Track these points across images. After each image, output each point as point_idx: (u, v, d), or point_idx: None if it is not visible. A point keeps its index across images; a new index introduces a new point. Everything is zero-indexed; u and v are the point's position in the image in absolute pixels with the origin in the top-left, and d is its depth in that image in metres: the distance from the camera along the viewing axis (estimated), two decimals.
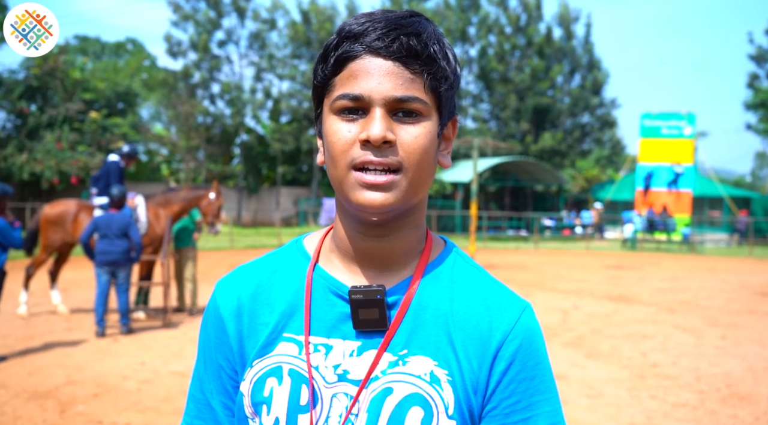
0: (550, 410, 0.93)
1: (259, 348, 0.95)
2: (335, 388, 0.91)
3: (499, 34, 36.78)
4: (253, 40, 34.92)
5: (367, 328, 0.92)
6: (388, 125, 0.86)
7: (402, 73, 0.87)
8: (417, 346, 0.92)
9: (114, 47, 50.52)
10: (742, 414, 5.00)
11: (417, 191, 0.91)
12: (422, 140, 0.88)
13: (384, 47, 0.86)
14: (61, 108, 25.97)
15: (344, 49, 0.88)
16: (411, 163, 0.87)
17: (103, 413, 4.74)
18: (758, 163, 65.38)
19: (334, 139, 0.88)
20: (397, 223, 0.94)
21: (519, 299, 0.98)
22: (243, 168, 33.72)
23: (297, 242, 1.05)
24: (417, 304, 0.94)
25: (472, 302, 0.95)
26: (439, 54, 0.89)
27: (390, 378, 0.90)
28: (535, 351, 0.94)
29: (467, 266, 1.00)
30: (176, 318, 8.37)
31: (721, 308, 10.17)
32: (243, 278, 1.02)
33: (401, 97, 0.86)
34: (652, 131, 27.73)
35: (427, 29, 0.89)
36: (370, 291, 0.92)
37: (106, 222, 7.28)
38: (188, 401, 1.05)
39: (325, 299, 0.96)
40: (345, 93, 0.87)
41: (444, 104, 0.92)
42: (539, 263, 17.63)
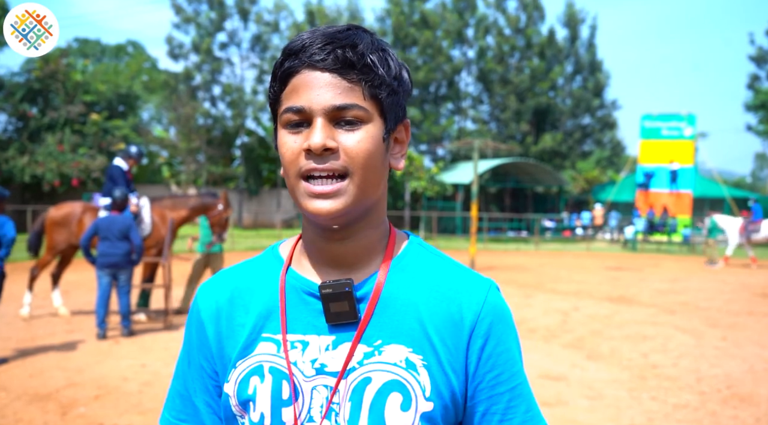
0: (525, 380, 1.01)
1: (240, 349, 1.01)
2: (314, 381, 0.96)
3: (497, 36, 36.77)
4: (255, 42, 34.95)
5: (339, 321, 0.97)
6: (330, 133, 0.91)
7: (339, 83, 0.91)
8: (390, 336, 0.97)
9: (114, 50, 50.57)
10: (742, 416, 5.00)
11: (366, 193, 0.95)
12: (365, 143, 0.92)
13: (320, 60, 0.91)
14: (62, 110, 26.00)
15: (287, 65, 0.94)
16: (356, 167, 0.92)
17: (104, 415, 4.74)
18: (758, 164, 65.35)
19: (283, 150, 0.94)
20: (355, 225, 0.98)
21: (483, 279, 1.03)
22: (244, 170, 33.72)
23: (273, 249, 1.10)
24: (386, 296, 0.99)
25: (440, 287, 1.00)
26: (377, 63, 0.93)
27: (367, 368, 0.95)
28: (506, 325, 1.00)
29: (431, 255, 1.05)
30: (177, 320, 8.38)
31: (721, 310, 10.17)
32: (221, 283, 1.08)
33: (339, 105, 0.91)
34: (653, 132, 27.73)
35: (364, 40, 0.94)
36: (338, 285, 0.96)
37: (107, 224, 7.29)
38: (171, 397, 1.10)
39: (299, 299, 1.01)
40: (289, 106, 0.93)
41: (387, 109, 0.96)
42: (539, 265, 17.63)
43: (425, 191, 28.30)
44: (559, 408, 5.09)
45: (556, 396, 5.39)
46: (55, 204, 9.07)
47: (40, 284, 11.32)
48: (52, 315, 8.56)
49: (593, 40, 38.95)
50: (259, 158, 35.23)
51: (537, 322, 8.71)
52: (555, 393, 5.45)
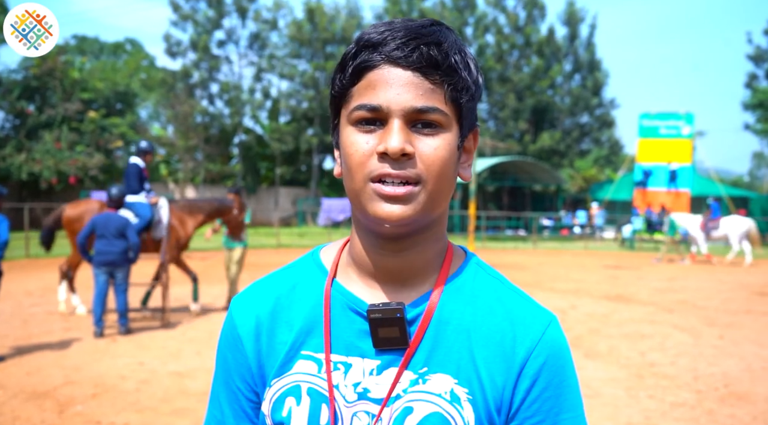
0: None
1: (278, 367, 0.94)
2: (356, 407, 0.90)
3: (497, 34, 36.78)
4: (253, 40, 34.91)
5: (387, 347, 0.90)
6: (407, 136, 0.84)
7: (422, 83, 0.85)
8: (437, 364, 0.90)
9: (112, 47, 50.49)
10: (739, 414, 5.01)
11: (436, 204, 0.88)
12: (442, 152, 0.86)
13: (403, 57, 0.84)
14: (59, 108, 25.96)
15: (362, 58, 0.86)
16: (430, 175, 0.85)
17: (102, 413, 4.74)
18: (756, 163, 65.40)
19: (351, 150, 0.86)
20: (416, 237, 0.91)
21: (544, 312, 0.95)
22: (242, 168, 33.71)
23: (314, 255, 1.03)
24: (438, 320, 0.92)
25: (496, 316, 0.93)
26: (460, 64, 0.87)
27: (411, 396, 0.89)
28: (560, 368, 0.92)
29: (489, 277, 0.98)
30: (174, 318, 8.38)
31: (718, 308, 10.18)
32: (261, 295, 1.00)
33: (421, 108, 0.84)
34: (651, 131, 27.74)
35: (449, 39, 0.87)
36: (389, 309, 0.89)
37: (103, 222, 7.27)
38: (208, 422, 1.02)
39: (343, 316, 0.93)
40: (362, 103, 0.85)
41: (465, 116, 0.89)
42: (537, 263, 17.65)
43: None
44: None
45: None
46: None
47: (38, 282, 11.32)
48: (50, 313, 8.55)
49: (592, 38, 38.99)
50: (257, 156, 35.22)
51: None
52: None
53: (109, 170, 27.45)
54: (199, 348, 6.78)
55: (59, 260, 15.12)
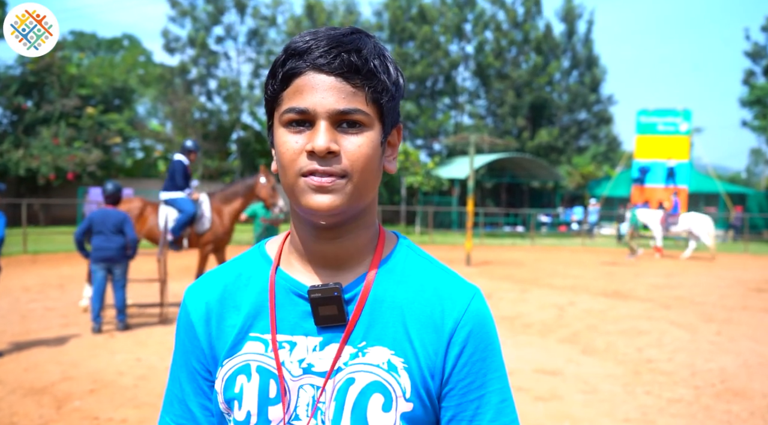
0: (500, 387, 1.02)
1: (228, 348, 1.02)
2: (301, 380, 0.98)
3: (495, 31, 36.74)
4: (252, 36, 34.85)
5: (328, 324, 0.99)
6: (333, 136, 0.92)
7: (344, 87, 0.92)
8: (374, 338, 0.99)
9: (110, 43, 50.35)
10: (736, 410, 5.03)
11: (362, 195, 0.96)
12: (365, 148, 0.94)
13: (326, 64, 0.92)
14: (57, 104, 25.91)
15: (290, 65, 0.94)
16: (355, 170, 0.93)
17: (100, 409, 4.74)
18: (753, 159, 65.47)
19: (283, 150, 0.94)
20: (347, 225, 1.00)
21: (468, 286, 1.04)
22: (240, 164, 33.68)
23: (259, 247, 1.11)
24: (373, 298, 1.01)
25: (425, 292, 1.02)
26: (379, 68, 0.95)
27: (352, 368, 0.97)
28: (485, 334, 1.02)
29: (419, 258, 1.07)
30: (172, 314, 8.38)
31: (715, 305, 10.21)
32: (210, 284, 1.09)
33: (344, 109, 0.92)
34: (648, 128, 27.76)
35: (368, 45, 0.95)
36: (327, 289, 0.98)
37: (101, 218, 7.26)
38: (170, 400, 1.11)
39: (287, 300, 1.02)
40: (292, 107, 0.93)
41: (386, 114, 0.98)
42: (535, 260, 17.67)
43: (421, 185, 28.31)
44: (554, 402, 5.10)
45: (551, 390, 5.41)
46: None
47: (36, 278, 11.31)
48: (47, 309, 8.55)
49: (590, 35, 38.97)
50: (255, 152, 35.19)
51: (533, 317, 8.73)
52: (550, 388, 5.47)
53: (107, 166, 27.41)
54: None
55: (57, 256, 15.12)
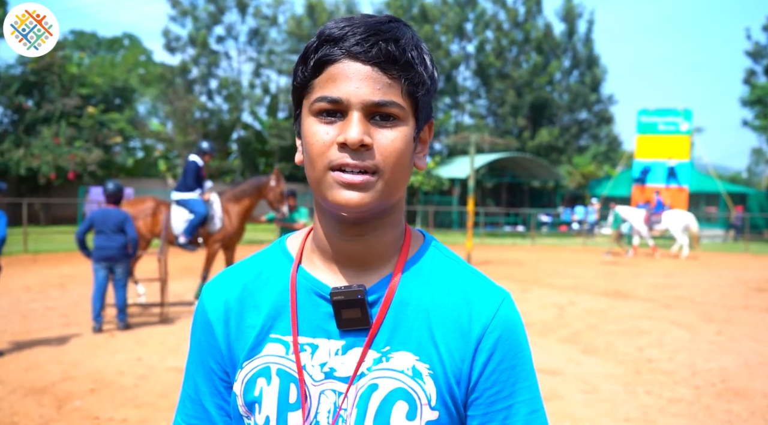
0: (530, 397, 0.97)
1: (248, 349, 0.98)
2: (323, 385, 0.95)
3: (496, 30, 36.72)
4: (253, 35, 34.84)
5: (351, 327, 0.95)
6: (366, 128, 0.88)
7: (380, 78, 0.89)
8: (399, 342, 0.95)
9: (110, 42, 50.37)
10: (737, 409, 5.03)
11: (393, 192, 0.93)
12: (398, 143, 0.90)
13: (363, 52, 0.88)
14: (58, 103, 25.91)
15: (324, 52, 0.90)
16: (387, 165, 0.90)
17: (100, 409, 4.74)
18: (754, 159, 65.44)
19: (312, 140, 0.90)
20: (374, 222, 0.96)
21: (498, 289, 1.00)
22: (240, 164, 33.68)
23: (280, 243, 1.07)
24: (398, 301, 0.97)
25: (452, 295, 0.98)
26: (416, 59, 0.91)
27: (375, 374, 0.93)
28: (514, 341, 0.97)
29: (446, 259, 1.03)
30: (173, 314, 8.38)
31: (716, 304, 10.20)
32: (229, 282, 1.05)
33: (379, 101, 0.88)
34: (649, 127, 27.74)
35: (406, 35, 0.91)
36: (350, 292, 0.94)
37: (102, 218, 7.27)
38: (183, 401, 1.07)
39: (308, 300, 0.98)
40: (324, 96, 0.89)
41: (421, 109, 0.94)
42: (536, 259, 17.66)
43: (422, 185, 28.31)
44: (555, 402, 5.10)
45: (551, 390, 5.40)
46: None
47: (37, 278, 11.31)
48: (48, 309, 8.55)
49: (590, 34, 38.95)
50: (256, 151, 35.19)
51: (533, 316, 8.73)
52: (551, 388, 5.47)
53: (108, 166, 27.41)
54: None
55: (58, 255, 15.13)
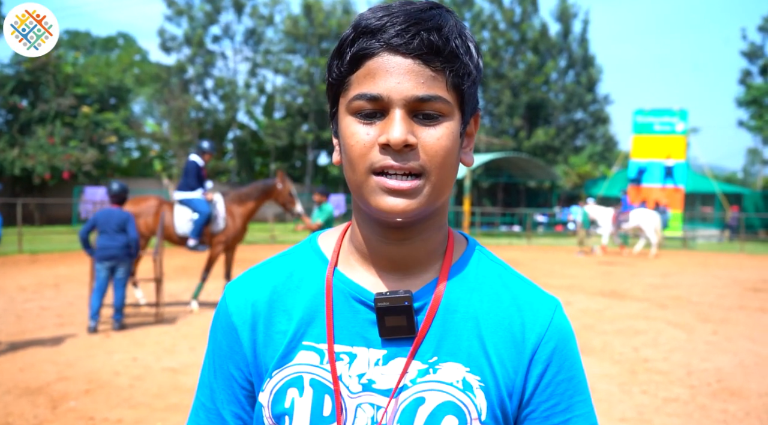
0: (587, 411, 0.93)
1: (279, 357, 0.92)
2: (360, 398, 0.88)
3: (492, 30, 36.77)
4: (249, 35, 34.81)
5: (395, 336, 0.89)
6: (409, 127, 0.82)
7: (423, 71, 0.82)
8: (447, 352, 0.89)
9: (105, 42, 50.25)
10: (732, 409, 5.03)
11: (440, 194, 0.87)
12: (445, 141, 0.84)
13: (403, 44, 0.81)
14: (52, 103, 25.84)
15: (361, 45, 0.83)
16: (434, 166, 0.83)
17: (95, 409, 4.72)
18: (750, 159, 65.63)
19: (351, 142, 0.84)
20: (419, 226, 0.90)
21: (549, 297, 0.96)
22: (236, 163, 33.64)
23: (311, 242, 1.00)
24: (445, 308, 0.91)
25: (503, 302, 0.93)
26: (461, 49, 0.84)
27: (421, 386, 0.87)
28: (569, 352, 0.93)
29: (492, 264, 0.98)
30: (169, 314, 8.36)
31: (712, 304, 10.22)
32: (256, 283, 0.97)
33: (423, 96, 0.82)
34: (645, 128, 27.80)
35: (449, 22, 0.85)
36: (397, 298, 0.88)
37: (105, 218, 7.29)
38: (197, 409, 1.00)
39: (346, 306, 0.92)
40: (362, 93, 0.83)
41: (467, 101, 0.87)
42: (532, 259, 17.68)
43: None
44: None
45: None
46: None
47: (32, 278, 11.27)
48: (43, 309, 8.52)
49: (586, 35, 39.03)
50: (251, 151, 35.15)
51: None
52: None
53: (103, 166, 27.34)
54: (194, 344, 6.76)
55: (53, 256, 15.09)
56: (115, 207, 7.46)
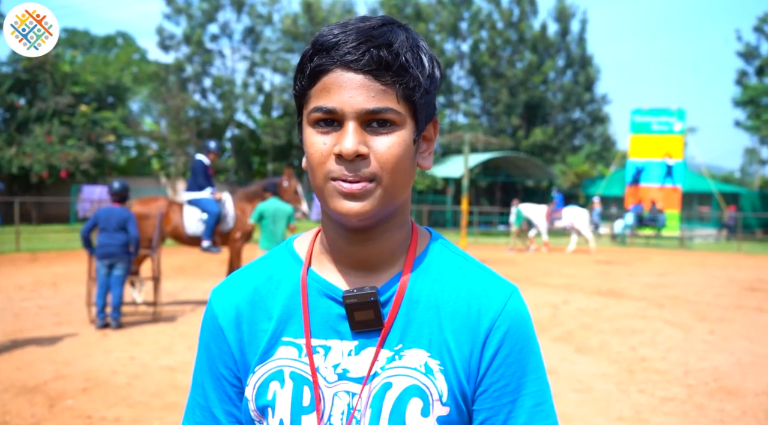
0: (536, 390, 0.97)
1: (260, 353, 0.98)
2: (336, 387, 0.95)
3: (491, 29, 36.76)
4: (247, 34, 34.78)
5: (364, 329, 0.95)
6: (361, 137, 0.88)
7: (373, 85, 0.88)
8: (411, 340, 0.95)
9: (103, 41, 50.16)
10: (729, 408, 5.05)
11: (393, 197, 0.93)
12: (396, 149, 0.90)
13: (355, 61, 0.87)
14: (50, 101, 25.80)
15: (317, 62, 0.90)
16: (385, 172, 0.89)
17: (93, 408, 4.72)
18: (747, 159, 65.68)
19: (311, 151, 0.91)
20: (380, 227, 0.96)
21: (505, 284, 1.01)
22: (234, 162, 33.61)
23: (288, 245, 1.07)
24: (408, 299, 0.97)
25: (461, 291, 0.98)
26: (411, 62, 0.89)
27: (389, 372, 0.94)
28: (522, 335, 0.98)
29: (453, 255, 1.03)
30: (167, 313, 8.36)
31: (709, 303, 10.25)
32: (239, 286, 1.04)
33: (373, 109, 0.88)
34: (642, 127, 27.84)
35: (399, 38, 0.90)
36: (363, 294, 0.95)
37: (105, 216, 7.30)
38: (191, 407, 1.07)
39: (319, 302, 0.98)
40: (319, 106, 0.89)
41: (419, 110, 0.93)
42: (529, 258, 17.70)
43: (415, 184, 28.32)
44: None
45: None
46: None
47: (29, 277, 11.26)
48: (40, 307, 8.51)
49: (584, 34, 39.03)
50: (249, 150, 35.12)
51: None
52: None
53: (101, 165, 27.31)
54: (191, 343, 6.76)
55: (50, 254, 15.07)
56: (116, 206, 7.48)
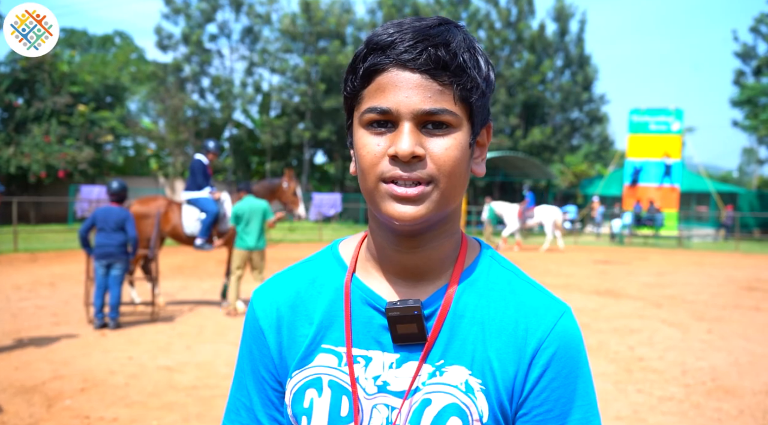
0: (581, 417, 0.93)
1: (299, 359, 0.97)
2: (375, 399, 0.93)
3: (489, 29, 36.78)
4: (246, 34, 34.74)
5: (406, 342, 0.93)
6: (417, 139, 0.86)
7: (430, 85, 0.85)
8: (453, 356, 0.93)
9: (101, 40, 50.11)
10: (726, 407, 5.05)
11: (449, 201, 0.90)
12: (453, 151, 0.87)
13: (412, 60, 0.85)
14: (48, 101, 25.77)
15: (372, 61, 0.87)
16: (442, 175, 0.87)
17: (90, 408, 4.72)
18: (745, 159, 65.78)
19: (363, 152, 0.88)
20: (430, 233, 0.93)
21: (557, 303, 0.97)
22: (232, 162, 33.58)
23: (332, 249, 1.05)
24: (453, 313, 0.94)
25: (509, 308, 0.95)
26: (468, 63, 0.87)
27: (429, 388, 0.91)
28: (571, 359, 0.94)
29: (503, 270, 1.00)
30: (165, 313, 8.35)
31: (707, 303, 10.26)
32: (281, 288, 1.03)
33: (430, 110, 0.85)
34: (641, 127, 27.85)
35: (456, 38, 0.88)
36: (406, 308, 0.92)
37: (104, 216, 7.29)
38: (236, 409, 1.03)
39: (362, 311, 0.96)
40: (373, 106, 0.87)
41: (476, 113, 0.91)
42: (528, 258, 17.70)
43: None
44: None
45: None
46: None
47: (27, 276, 11.24)
48: (38, 307, 8.50)
49: (582, 34, 39.06)
50: (248, 150, 35.09)
51: None
52: None
53: (99, 164, 27.29)
54: (189, 343, 6.76)
55: (48, 254, 15.05)
56: (115, 206, 7.47)
